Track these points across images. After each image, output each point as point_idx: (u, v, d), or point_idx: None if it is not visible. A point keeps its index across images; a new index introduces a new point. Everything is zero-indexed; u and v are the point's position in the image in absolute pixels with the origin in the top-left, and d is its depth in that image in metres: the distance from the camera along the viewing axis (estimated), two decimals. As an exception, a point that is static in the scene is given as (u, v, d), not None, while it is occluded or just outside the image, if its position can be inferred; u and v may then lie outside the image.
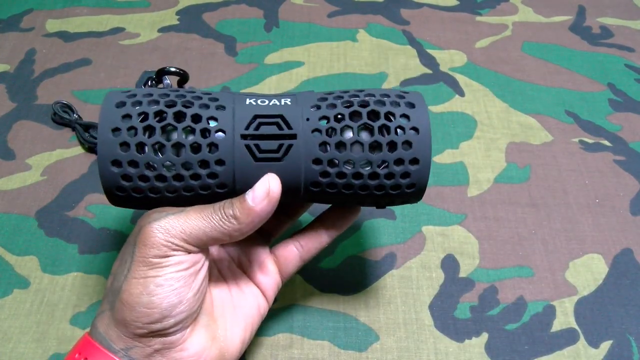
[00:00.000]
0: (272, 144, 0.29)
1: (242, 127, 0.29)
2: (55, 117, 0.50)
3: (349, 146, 0.29)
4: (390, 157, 0.29)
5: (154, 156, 0.28)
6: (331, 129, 0.30)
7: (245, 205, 0.28)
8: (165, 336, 0.28)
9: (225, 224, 0.28)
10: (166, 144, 0.28)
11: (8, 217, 0.43)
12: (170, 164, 0.28)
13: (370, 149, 0.30)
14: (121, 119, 0.29)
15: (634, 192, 0.47)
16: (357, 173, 0.30)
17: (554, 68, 0.57)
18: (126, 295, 0.27)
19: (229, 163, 0.29)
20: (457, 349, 0.38)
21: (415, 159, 0.30)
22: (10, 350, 0.37)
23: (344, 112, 0.30)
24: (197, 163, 0.29)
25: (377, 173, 0.30)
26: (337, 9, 0.63)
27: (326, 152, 0.29)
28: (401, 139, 0.29)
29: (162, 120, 0.29)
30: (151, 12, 0.61)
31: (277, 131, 0.29)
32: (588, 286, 0.41)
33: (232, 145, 0.29)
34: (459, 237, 0.43)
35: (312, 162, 0.29)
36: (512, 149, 0.50)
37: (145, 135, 0.28)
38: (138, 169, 0.28)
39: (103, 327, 0.28)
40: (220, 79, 0.54)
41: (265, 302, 0.34)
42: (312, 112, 0.30)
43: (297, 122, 0.29)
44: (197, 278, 0.29)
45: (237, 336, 0.31)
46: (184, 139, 0.28)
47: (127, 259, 0.28)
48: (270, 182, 0.29)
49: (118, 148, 0.28)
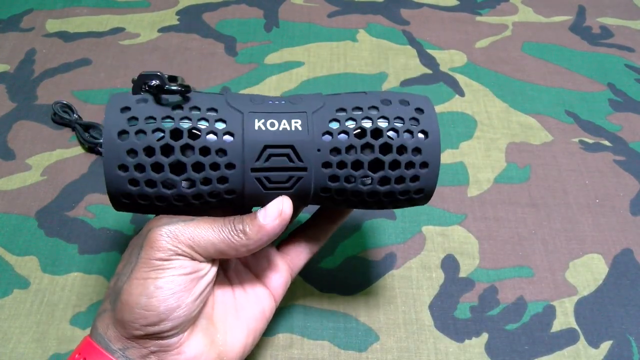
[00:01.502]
0: (282, 175, 0.29)
1: (252, 159, 0.28)
2: (55, 117, 0.50)
3: (358, 179, 0.30)
4: (397, 189, 0.30)
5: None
6: (342, 163, 0.29)
7: (255, 223, 0.28)
8: (162, 339, 0.28)
9: (234, 238, 0.28)
10: (176, 179, 0.28)
11: (8, 217, 0.43)
12: (184, 197, 0.28)
13: (380, 183, 0.30)
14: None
15: (634, 192, 0.47)
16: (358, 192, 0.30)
17: (554, 68, 0.57)
18: (126, 296, 0.27)
19: (239, 193, 0.29)
20: (457, 349, 0.38)
21: (420, 189, 0.30)
22: (10, 350, 0.37)
23: (356, 144, 0.29)
24: (207, 194, 0.29)
25: (379, 194, 0.30)
26: (337, 9, 0.63)
27: (335, 183, 0.30)
28: (409, 175, 0.29)
29: (169, 154, 0.28)
30: (151, 12, 0.61)
31: (287, 163, 0.29)
32: (588, 286, 0.41)
33: (241, 177, 0.29)
34: (459, 237, 0.43)
35: (320, 191, 0.30)
36: (512, 149, 0.50)
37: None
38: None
39: (103, 327, 0.28)
40: (220, 79, 0.54)
41: (272, 304, 0.33)
42: (323, 143, 0.29)
43: (308, 154, 0.29)
44: (199, 284, 0.29)
45: (237, 341, 0.31)
46: (194, 175, 0.28)
47: (132, 260, 0.29)
48: (284, 204, 0.29)
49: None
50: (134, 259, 0.28)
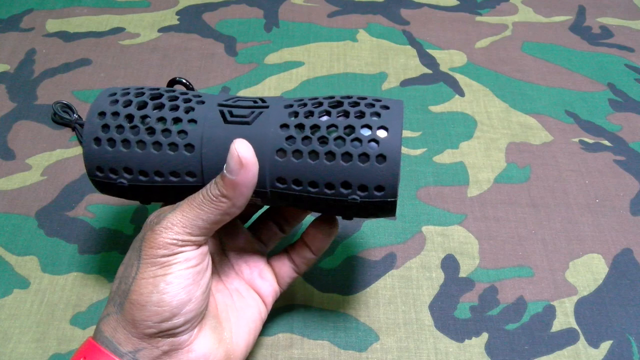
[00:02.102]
0: (245, 110, 0.30)
1: (221, 99, 0.32)
2: (55, 117, 0.50)
3: (317, 116, 0.30)
4: (358, 134, 0.29)
5: (135, 110, 0.31)
6: (302, 104, 0.31)
7: (227, 181, 0.27)
8: (174, 336, 0.28)
9: (218, 205, 0.28)
10: (148, 102, 0.31)
11: (8, 217, 0.43)
12: (145, 115, 0.31)
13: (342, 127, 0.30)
14: (109, 104, 0.31)
15: (634, 192, 0.47)
16: (323, 138, 0.29)
17: (554, 68, 0.57)
18: (136, 295, 0.27)
19: (200, 123, 0.30)
20: (457, 349, 0.38)
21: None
22: (10, 350, 0.37)
23: (308, 102, 0.31)
24: (172, 120, 0.30)
25: (343, 138, 0.29)
26: (337, 9, 0.63)
27: (295, 118, 0.30)
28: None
29: (144, 105, 0.32)
30: (151, 12, 0.61)
31: (252, 104, 0.31)
32: (588, 286, 0.41)
33: (207, 110, 0.31)
34: (459, 237, 0.43)
35: (279, 127, 0.30)
36: (512, 149, 0.50)
37: (127, 108, 0.31)
38: (116, 121, 0.31)
39: (109, 330, 0.28)
40: (220, 79, 0.54)
41: (265, 308, 0.34)
42: (288, 102, 0.32)
43: (273, 101, 0.31)
44: (204, 277, 0.29)
45: (242, 339, 0.31)
46: (165, 100, 0.31)
47: (133, 263, 0.28)
48: (238, 148, 0.27)
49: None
50: (135, 261, 0.28)
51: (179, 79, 0.41)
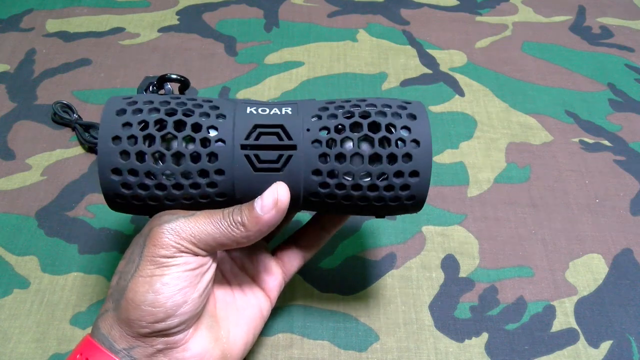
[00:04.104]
0: (272, 154, 0.29)
1: (242, 136, 0.29)
2: (55, 117, 0.50)
3: (349, 158, 0.29)
4: (390, 170, 0.29)
5: (154, 165, 0.28)
6: (331, 140, 0.29)
7: (253, 214, 0.28)
8: (168, 336, 0.28)
9: (234, 231, 0.28)
10: (166, 153, 0.28)
11: (8, 217, 0.43)
12: (170, 172, 0.28)
13: (370, 161, 0.29)
14: (121, 127, 0.28)
15: (634, 192, 0.47)
16: (357, 185, 0.29)
17: (554, 68, 0.57)
18: (132, 294, 0.27)
19: (228, 173, 0.29)
20: (457, 349, 0.38)
21: (415, 172, 0.29)
22: (10, 350, 0.37)
23: (345, 123, 0.29)
24: (197, 172, 0.29)
25: (376, 185, 0.29)
26: (337, 9, 0.63)
27: (326, 164, 0.29)
28: (401, 152, 0.29)
29: (162, 128, 0.29)
30: (151, 12, 0.61)
31: (277, 142, 0.29)
32: (588, 286, 0.41)
33: (231, 155, 0.29)
34: (459, 237, 0.43)
35: (311, 173, 0.29)
36: (512, 149, 0.50)
37: (145, 144, 0.28)
38: (138, 178, 0.28)
39: (106, 327, 0.28)
40: (220, 79, 0.54)
41: (268, 305, 0.34)
42: (312, 123, 0.30)
43: (298, 133, 0.29)
44: (202, 279, 0.29)
45: (240, 338, 0.31)
46: (184, 148, 0.28)
47: (134, 259, 0.29)
48: (279, 192, 0.28)
49: (118, 157, 0.28)
50: (137, 257, 0.28)
51: (169, 75, 0.38)
